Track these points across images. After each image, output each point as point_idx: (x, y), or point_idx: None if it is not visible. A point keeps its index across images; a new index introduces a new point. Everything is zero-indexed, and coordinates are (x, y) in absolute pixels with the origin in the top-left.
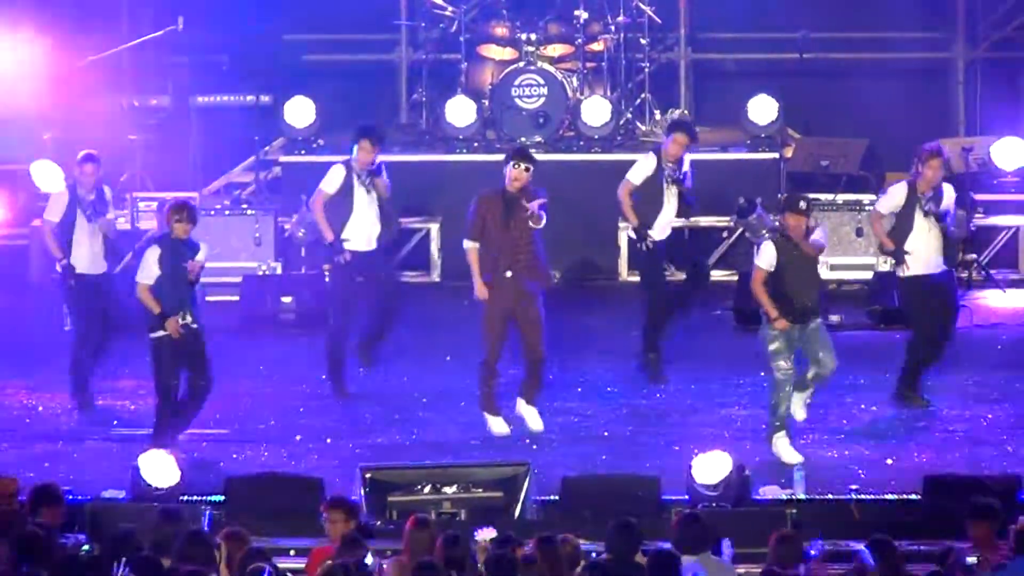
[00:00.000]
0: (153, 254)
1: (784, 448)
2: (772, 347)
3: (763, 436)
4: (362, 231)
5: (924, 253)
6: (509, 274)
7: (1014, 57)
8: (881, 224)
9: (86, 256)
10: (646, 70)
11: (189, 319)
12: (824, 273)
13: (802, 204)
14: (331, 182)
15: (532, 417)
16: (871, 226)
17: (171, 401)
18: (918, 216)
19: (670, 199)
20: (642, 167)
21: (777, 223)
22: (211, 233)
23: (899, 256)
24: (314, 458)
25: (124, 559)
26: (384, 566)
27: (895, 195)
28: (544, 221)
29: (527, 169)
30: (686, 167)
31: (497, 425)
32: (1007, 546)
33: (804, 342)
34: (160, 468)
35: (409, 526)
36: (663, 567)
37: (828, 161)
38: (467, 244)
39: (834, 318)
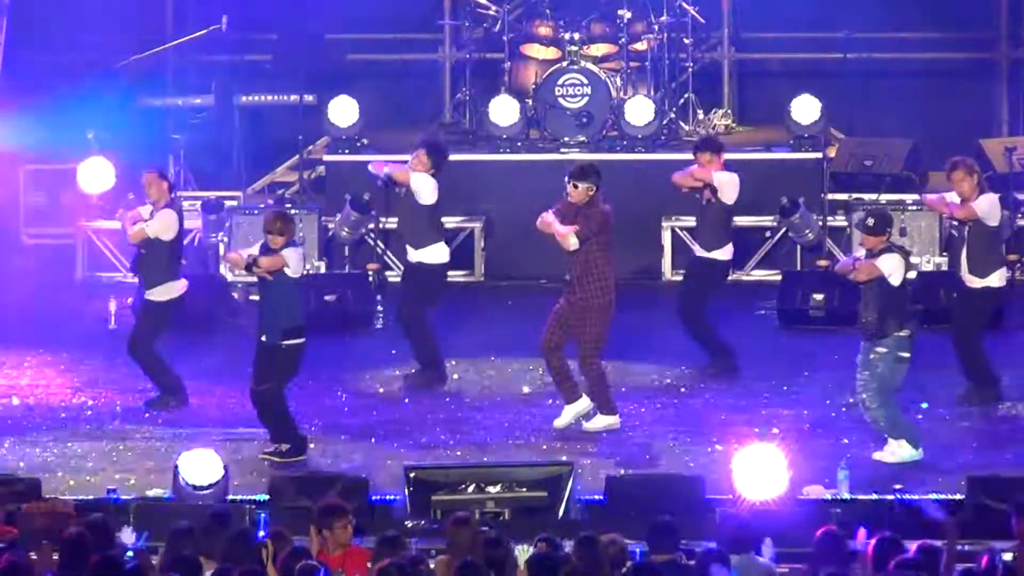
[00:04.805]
0: None
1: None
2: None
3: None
4: None
5: None
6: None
7: None
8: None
9: None
10: (690, 70)
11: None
12: None
13: (870, 221)
14: None
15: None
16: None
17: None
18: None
19: None
20: None
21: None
22: (254, 233)
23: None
24: (358, 457)
25: None
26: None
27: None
28: None
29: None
30: None
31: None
32: None
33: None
34: (202, 467)
35: (450, 524)
36: (708, 567)
37: (871, 161)
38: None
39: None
